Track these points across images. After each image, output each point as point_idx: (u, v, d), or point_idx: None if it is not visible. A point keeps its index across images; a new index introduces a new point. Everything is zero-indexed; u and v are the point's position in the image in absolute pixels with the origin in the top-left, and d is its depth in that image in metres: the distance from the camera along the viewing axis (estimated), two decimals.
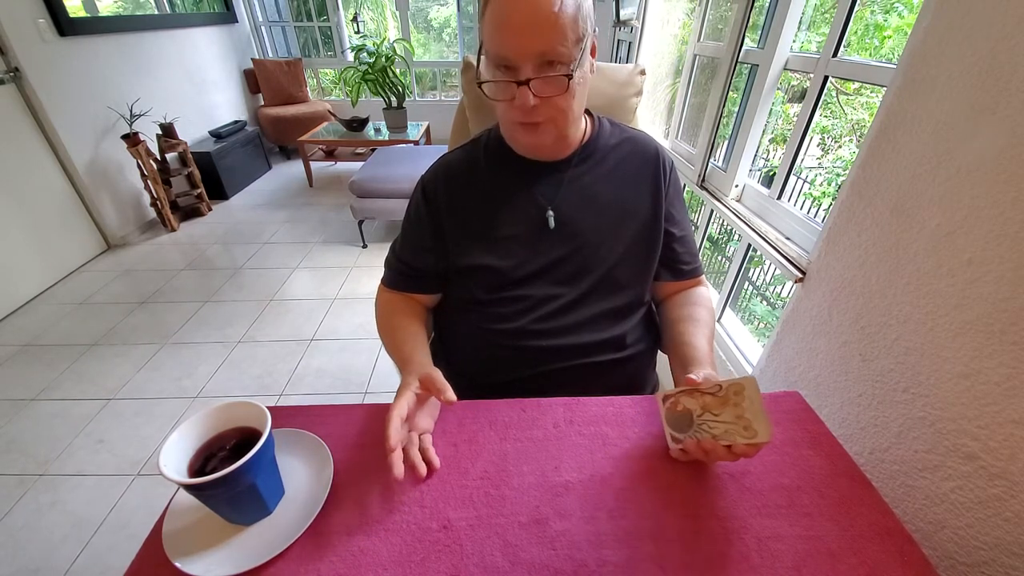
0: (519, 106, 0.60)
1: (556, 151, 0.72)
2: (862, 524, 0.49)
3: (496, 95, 0.61)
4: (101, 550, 1.21)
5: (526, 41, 0.57)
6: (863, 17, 2.77)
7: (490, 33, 0.58)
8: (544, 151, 0.71)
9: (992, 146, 0.56)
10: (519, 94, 0.59)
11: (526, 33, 0.56)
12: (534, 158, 0.72)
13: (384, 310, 0.78)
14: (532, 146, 0.70)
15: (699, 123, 1.57)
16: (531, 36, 0.56)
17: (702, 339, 0.69)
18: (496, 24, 0.57)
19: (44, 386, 1.72)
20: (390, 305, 0.78)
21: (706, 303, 0.78)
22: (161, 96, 3.03)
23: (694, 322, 0.72)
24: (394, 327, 0.73)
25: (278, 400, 1.68)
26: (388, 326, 0.75)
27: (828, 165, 3.38)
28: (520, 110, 0.61)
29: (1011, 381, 0.54)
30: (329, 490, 0.50)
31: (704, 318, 0.74)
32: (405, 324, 0.73)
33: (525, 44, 0.57)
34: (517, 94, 0.59)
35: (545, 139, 0.66)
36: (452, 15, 5.34)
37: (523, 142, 0.69)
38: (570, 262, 0.71)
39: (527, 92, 0.58)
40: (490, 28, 0.58)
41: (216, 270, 2.50)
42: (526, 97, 0.59)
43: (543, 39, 0.56)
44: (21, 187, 2.21)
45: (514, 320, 0.70)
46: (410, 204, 0.77)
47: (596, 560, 0.45)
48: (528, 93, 0.58)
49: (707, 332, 0.71)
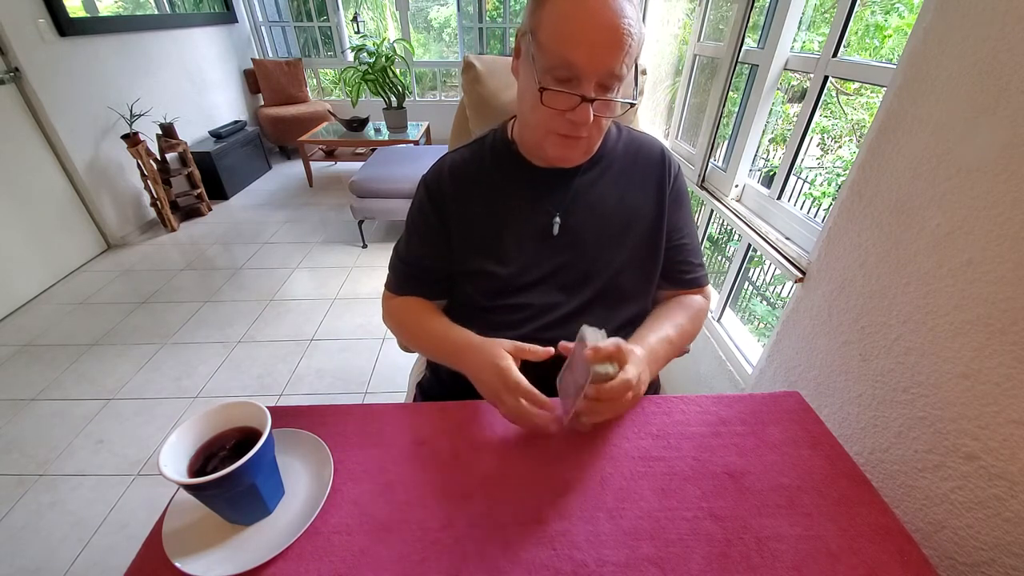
0: (574, 120, 0.58)
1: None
2: (862, 524, 0.49)
3: (552, 103, 0.58)
4: (101, 550, 1.21)
5: (600, 56, 0.54)
6: (863, 17, 2.77)
7: (559, 37, 0.55)
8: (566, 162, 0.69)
9: (992, 146, 0.56)
10: (580, 109, 0.57)
11: (602, 48, 0.54)
12: (547, 165, 0.70)
13: (404, 317, 0.75)
14: (562, 158, 0.66)
15: (699, 123, 1.57)
16: (605, 52, 0.54)
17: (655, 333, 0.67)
18: (569, 31, 0.54)
19: (44, 386, 1.72)
20: (408, 310, 0.75)
21: (693, 308, 0.75)
22: (161, 96, 3.03)
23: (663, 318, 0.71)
24: (426, 323, 0.71)
25: (278, 400, 1.68)
26: (418, 328, 0.72)
27: (828, 165, 3.38)
28: (571, 124, 0.58)
29: (1011, 381, 0.54)
30: (329, 490, 0.50)
31: (678, 320, 0.71)
32: (436, 317, 0.71)
33: (598, 59, 0.54)
34: (578, 108, 0.57)
35: (579, 153, 0.65)
36: (452, 15, 5.33)
37: (555, 154, 0.65)
38: (573, 269, 0.70)
39: (588, 109, 0.56)
40: (559, 32, 0.55)
41: (216, 270, 2.50)
42: (586, 114, 0.57)
43: (616, 57, 0.55)
44: (21, 187, 2.21)
45: (516, 328, 0.69)
46: (413, 205, 0.75)
47: (596, 560, 0.45)
48: (589, 110, 0.56)
49: (671, 331, 0.69)
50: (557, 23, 0.55)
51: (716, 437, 0.59)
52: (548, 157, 0.67)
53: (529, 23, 0.59)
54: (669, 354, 0.69)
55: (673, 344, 0.69)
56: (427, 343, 0.71)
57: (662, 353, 0.66)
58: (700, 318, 0.76)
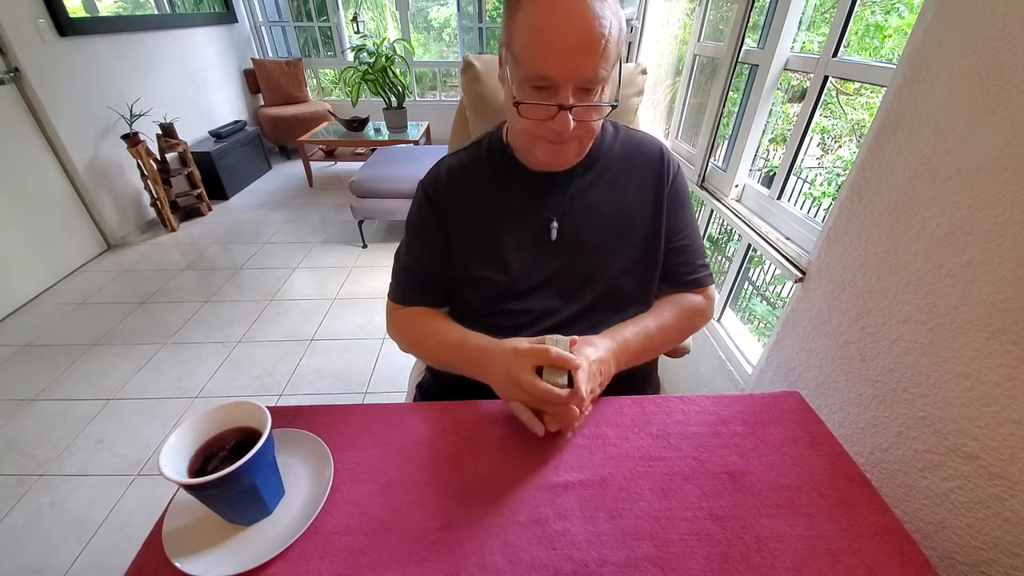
0: (554, 128, 0.57)
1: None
2: (862, 524, 0.49)
3: (530, 115, 0.58)
4: (101, 550, 1.21)
5: (573, 64, 0.53)
6: (863, 17, 2.77)
7: (530, 48, 0.54)
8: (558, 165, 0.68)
9: (992, 146, 0.56)
10: (559, 118, 0.56)
11: (574, 56, 0.53)
12: (541, 169, 0.69)
13: (415, 328, 0.73)
14: (553, 162, 0.66)
15: (699, 123, 1.57)
16: (578, 59, 0.53)
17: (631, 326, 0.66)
18: (539, 42, 0.54)
19: (44, 386, 1.72)
20: (418, 321, 0.73)
21: (685, 305, 0.73)
22: (161, 96, 3.03)
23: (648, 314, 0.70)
24: (441, 332, 0.68)
25: (278, 400, 1.68)
26: (433, 336, 0.69)
27: (828, 165, 3.38)
28: (552, 131, 0.58)
29: (1011, 381, 0.54)
30: (329, 490, 0.50)
31: (663, 313, 0.70)
32: (448, 324, 0.70)
33: (571, 67, 0.54)
34: (556, 117, 0.56)
35: (570, 156, 0.64)
36: (452, 15, 5.34)
37: (542, 159, 0.64)
38: (572, 274, 0.69)
39: (567, 117, 0.56)
40: (530, 43, 0.54)
41: (216, 270, 2.50)
42: (565, 122, 0.56)
43: (590, 63, 0.54)
44: (21, 187, 2.21)
45: (515, 334, 0.68)
46: (412, 210, 0.74)
47: (596, 560, 0.45)
48: (568, 118, 0.56)
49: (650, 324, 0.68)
50: (528, 34, 0.54)
51: (716, 437, 0.59)
52: (539, 162, 0.66)
53: (504, 35, 0.59)
54: (646, 347, 0.67)
55: (652, 338, 0.68)
56: (448, 353, 0.68)
57: (637, 346, 0.65)
58: (694, 316, 0.74)
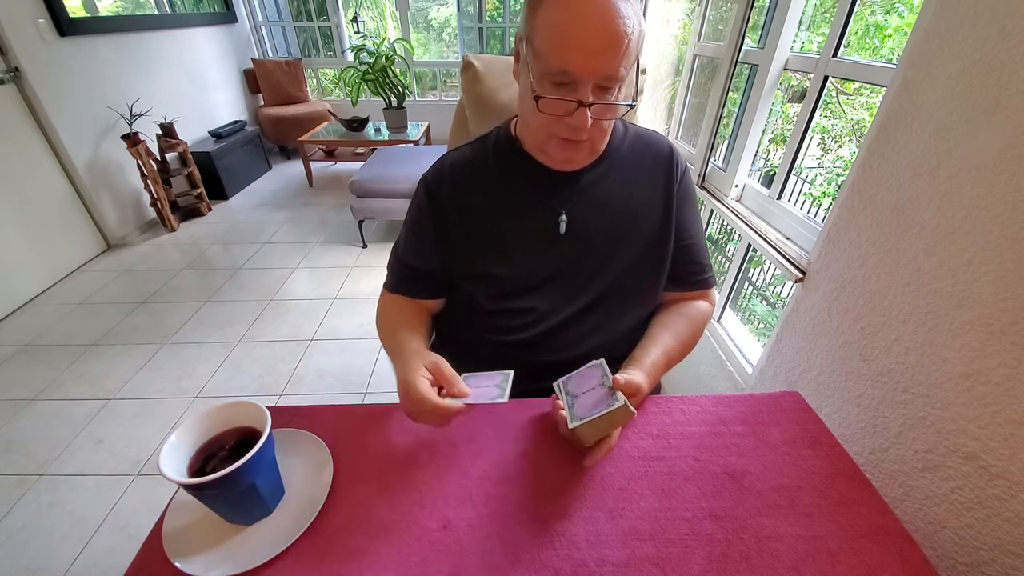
0: (572, 124, 0.57)
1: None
2: (862, 524, 0.49)
3: (549, 109, 0.57)
4: (101, 550, 1.21)
5: (595, 61, 0.54)
6: (863, 17, 2.77)
7: (552, 44, 0.54)
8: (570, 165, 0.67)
9: (992, 146, 0.56)
10: (577, 114, 0.56)
11: (596, 53, 0.53)
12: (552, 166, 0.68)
13: (385, 313, 0.75)
14: (566, 161, 0.65)
15: (699, 123, 1.57)
16: (601, 56, 0.53)
17: (657, 346, 0.66)
18: (563, 37, 0.54)
19: (44, 386, 1.72)
20: (392, 308, 0.75)
21: (695, 316, 0.74)
22: (161, 96, 3.03)
23: (663, 327, 0.70)
24: (395, 325, 0.70)
25: (278, 400, 1.68)
26: (388, 325, 0.72)
27: (828, 165, 3.38)
28: (570, 128, 0.58)
29: (1011, 381, 0.54)
30: (329, 490, 0.50)
31: (679, 329, 0.71)
32: (406, 322, 0.71)
33: (593, 64, 0.54)
34: (575, 113, 0.56)
35: (583, 156, 0.64)
36: (452, 15, 5.33)
37: (558, 156, 0.64)
38: (580, 269, 0.69)
39: (585, 113, 0.56)
40: (553, 38, 0.54)
41: (216, 270, 2.50)
42: (584, 118, 0.56)
43: (612, 61, 0.54)
44: (21, 187, 2.21)
45: (519, 332, 0.68)
46: (412, 204, 0.74)
47: (596, 560, 0.45)
48: (587, 114, 0.56)
49: (671, 342, 0.68)
50: (551, 29, 0.54)
51: (716, 437, 0.59)
52: (552, 160, 0.66)
53: (524, 29, 0.58)
54: (667, 366, 0.68)
55: (671, 357, 0.68)
56: (389, 343, 0.70)
57: (662, 365, 0.66)
58: (702, 326, 0.75)
